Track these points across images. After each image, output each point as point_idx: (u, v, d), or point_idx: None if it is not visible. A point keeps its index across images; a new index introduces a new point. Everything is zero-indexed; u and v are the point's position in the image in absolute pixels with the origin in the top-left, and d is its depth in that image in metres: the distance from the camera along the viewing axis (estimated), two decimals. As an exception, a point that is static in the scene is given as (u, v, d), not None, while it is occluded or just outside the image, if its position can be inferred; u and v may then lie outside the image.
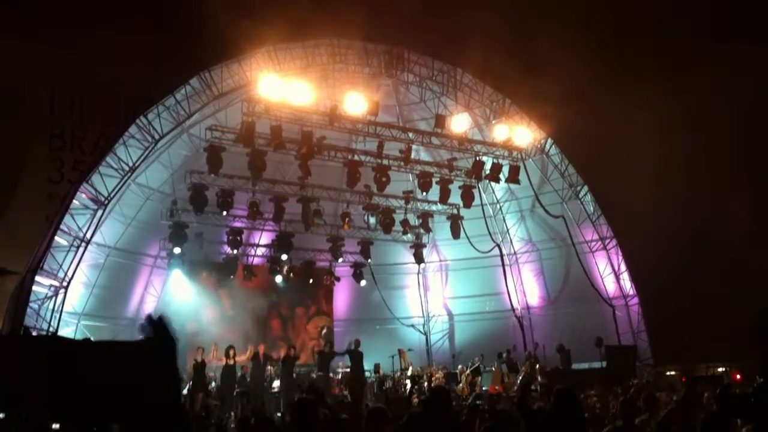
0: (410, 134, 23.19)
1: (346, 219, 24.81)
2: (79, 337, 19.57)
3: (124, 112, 26.58)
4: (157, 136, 19.78)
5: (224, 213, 22.16)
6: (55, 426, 8.64)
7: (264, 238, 26.07)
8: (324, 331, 25.29)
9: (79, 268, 19.65)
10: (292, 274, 25.51)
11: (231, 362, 19.63)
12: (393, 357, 23.14)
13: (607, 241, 24.90)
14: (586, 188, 24.67)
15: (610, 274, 24.99)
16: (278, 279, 25.33)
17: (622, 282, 24.84)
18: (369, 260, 26.25)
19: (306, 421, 5.97)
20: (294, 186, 23.41)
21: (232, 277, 24.26)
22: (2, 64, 24.26)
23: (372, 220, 25.06)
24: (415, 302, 28.81)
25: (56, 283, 19.20)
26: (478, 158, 23.56)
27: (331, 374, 21.74)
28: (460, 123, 22.86)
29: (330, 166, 23.52)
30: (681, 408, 7.54)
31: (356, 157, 22.51)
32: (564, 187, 25.05)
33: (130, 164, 19.70)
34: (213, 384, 19.95)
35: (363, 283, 26.82)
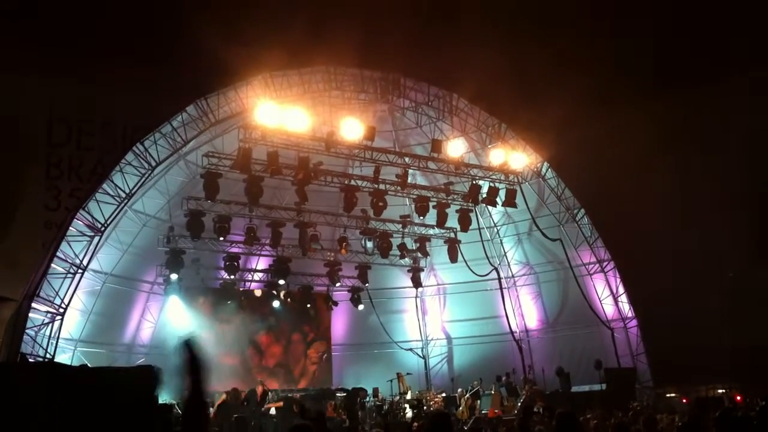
0: (407, 159, 23.24)
1: (344, 243, 24.83)
2: (76, 363, 19.50)
3: (121, 140, 26.61)
4: (153, 163, 19.82)
5: (221, 239, 22.17)
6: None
7: (261, 263, 26.05)
8: (324, 356, 25.20)
9: (75, 294, 19.61)
10: (289, 299, 25.46)
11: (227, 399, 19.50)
12: (391, 381, 23.04)
13: (604, 264, 24.88)
14: (582, 211, 24.69)
15: (609, 296, 24.95)
16: (275, 304, 25.26)
17: (620, 304, 24.80)
18: (367, 284, 26.24)
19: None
20: (291, 211, 23.45)
21: (229, 302, 24.20)
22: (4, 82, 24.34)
23: (369, 244, 25.05)
24: (414, 326, 28.74)
25: (53, 310, 19.14)
26: (474, 182, 23.60)
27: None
28: (456, 147, 22.93)
29: (327, 191, 23.58)
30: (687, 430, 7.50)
31: (353, 182, 22.56)
32: (561, 210, 25.08)
33: (127, 191, 19.73)
34: (210, 410, 19.80)
35: (361, 307, 26.79)
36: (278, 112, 19.57)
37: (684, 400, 19.77)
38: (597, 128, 24.28)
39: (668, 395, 21.59)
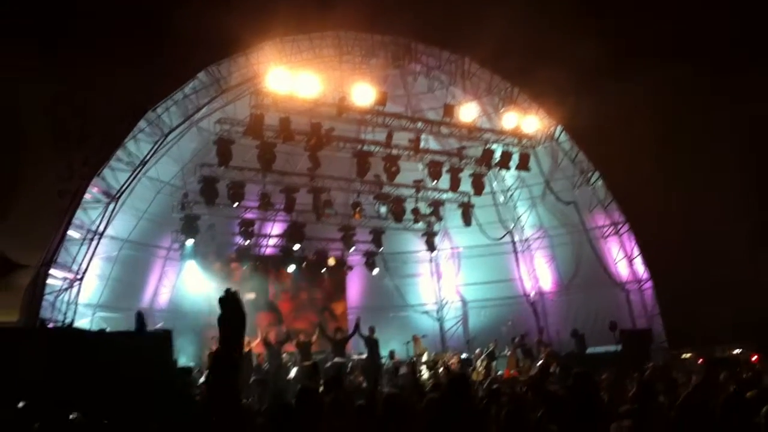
0: (419, 124, 23.17)
1: (357, 209, 24.89)
2: (95, 328, 19.75)
3: (133, 108, 26.71)
4: (166, 130, 19.88)
5: (235, 205, 22.27)
6: (72, 415, 8.77)
7: (276, 228, 26.15)
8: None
9: (92, 260, 19.79)
10: (304, 264, 25.59)
11: (246, 349, 19.72)
12: (407, 344, 23.22)
13: (619, 226, 24.84)
14: (597, 174, 24.59)
15: (623, 258, 24.95)
16: (291, 269, 25.42)
17: (635, 266, 24.80)
18: (381, 249, 26.32)
19: (309, 408, 6.03)
20: (304, 177, 23.48)
21: (244, 267, 24.39)
22: (6, 67, 24.38)
23: (383, 209, 25.11)
24: (428, 289, 28.88)
25: (70, 276, 19.35)
26: (487, 146, 23.53)
27: (345, 361, 21.77)
28: (468, 112, 22.81)
29: (339, 157, 23.57)
30: (699, 390, 7.54)
31: (365, 148, 22.54)
32: (575, 174, 25.00)
33: (141, 158, 19.80)
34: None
35: (375, 271, 26.90)
36: (289, 78, 19.53)
37: (699, 361, 19.78)
38: (612, 91, 24.09)
39: (683, 356, 21.62)
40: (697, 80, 23.03)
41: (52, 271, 19.03)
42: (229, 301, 3.24)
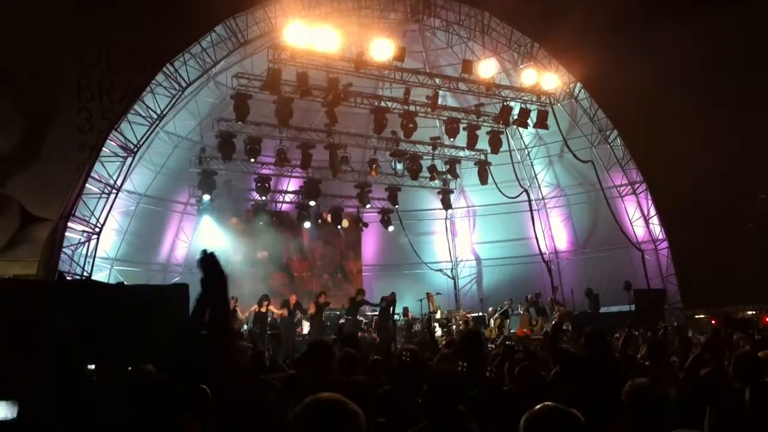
0: (437, 80, 23.00)
1: (374, 165, 24.87)
2: (112, 281, 19.97)
3: (151, 61, 26.72)
4: (183, 84, 19.81)
5: (252, 160, 22.32)
6: (91, 367, 8.92)
7: (292, 184, 26.19)
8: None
9: (110, 214, 19.93)
10: (320, 221, 25.67)
11: (263, 310, 19.95)
12: (421, 301, 23.34)
13: (636, 186, 24.71)
14: (615, 133, 24.40)
15: (639, 218, 24.87)
16: (306, 225, 25.52)
17: (651, 226, 24.73)
18: (396, 206, 26.34)
19: (322, 360, 6.10)
20: (321, 133, 23.44)
21: (261, 223, 24.50)
22: (30, 20, 24.40)
23: (399, 166, 25.07)
24: (443, 247, 28.94)
25: (89, 230, 19.50)
26: (505, 103, 23.36)
27: (360, 318, 21.96)
28: (487, 68, 22.61)
29: (356, 113, 23.49)
30: (710, 349, 7.54)
31: (383, 104, 22.44)
32: (593, 132, 24.82)
33: (158, 112, 19.80)
34: (244, 327, 20.27)
35: (391, 228, 26.95)
36: (307, 32, 19.37)
37: (713, 321, 19.81)
38: (633, 48, 23.79)
39: (697, 316, 21.66)
40: (726, 39, 22.69)
41: (70, 225, 19.17)
42: (209, 263, 3.25)
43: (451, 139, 24.17)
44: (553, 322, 18.77)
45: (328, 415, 2.68)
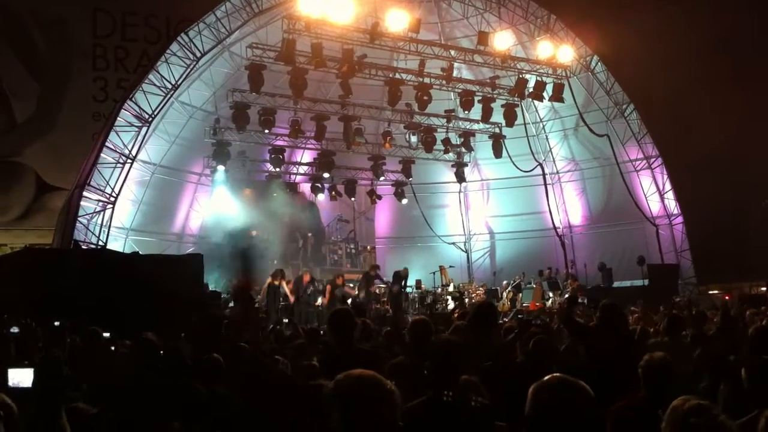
0: (452, 52, 22.84)
1: (388, 138, 24.81)
2: (127, 251, 20.11)
3: (165, 31, 26.70)
4: (198, 54, 19.78)
5: (266, 131, 22.33)
6: (106, 334, 9.04)
7: (306, 156, 26.19)
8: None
9: (125, 184, 20.02)
10: (333, 192, 25.68)
11: (276, 283, 20.04)
12: (434, 274, 23.40)
13: (652, 161, 24.56)
14: (632, 107, 24.19)
15: (654, 193, 24.74)
16: (320, 197, 25.55)
17: (666, 201, 24.60)
18: (410, 179, 26.30)
19: (344, 328, 6.14)
20: (335, 105, 23.38)
21: (274, 194, 24.53)
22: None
23: (413, 138, 25.00)
24: (456, 221, 28.90)
25: (104, 199, 19.61)
26: (521, 76, 23.19)
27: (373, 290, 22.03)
28: (503, 40, 22.39)
29: (371, 85, 23.39)
30: (724, 325, 7.55)
31: (397, 76, 22.33)
32: (609, 106, 24.62)
33: (173, 82, 19.79)
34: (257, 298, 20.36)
35: (404, 201, 26.93)
36: (322, 2, 19.21)
37: (726, 297, 19.79)
38: (650, 21, 23.52)
39: (710, 292, 21.62)
40: (745, 15, 22.40)
41: (85, 194, 19.27)
42: (242, 238, 3.30)
43: (466, 112, 24.05)
44: (567, 296, 18.84)
45: (362, 391, 2.65)
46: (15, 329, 7.33)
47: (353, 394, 2.63)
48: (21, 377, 2.39)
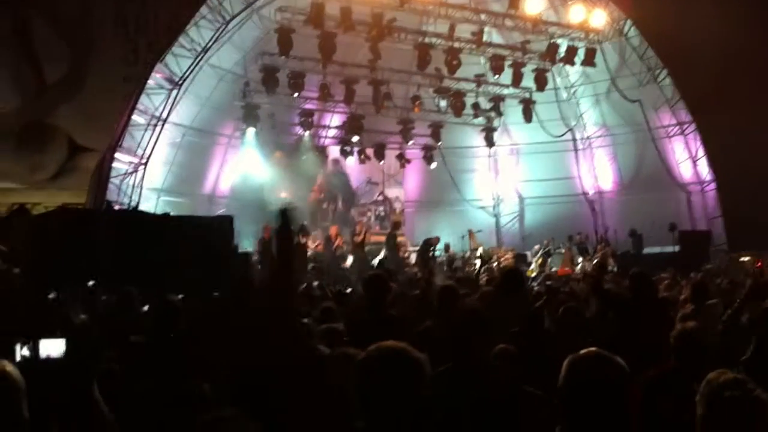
0: (483, 16, 22.59)
1: (417, 102, 24.69)
2: (159, 212, 20.32)
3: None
4: (227, 17, 19.81)
5: (295, 95, 22.33)
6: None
7: (335, 120, 26.19)
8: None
9: (156, 146, 20.19)
10: (362, 156, 25.70)
11: (303, 240, 20.22)
12: (463, 238, 23.43)
13: (684, 126, 24.23)
14: (665, 72, 23.82)
15: (687, 159, 24.45)
16: (349, 160, 25.59)
17: (698, 167, 24.31)
18: (439, 143, 26.21)
19: (378, 294, 6.20)
20: (364, 68, 23.27)
21: (304, 157, 24.64)
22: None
23: (442, 103, 24.87)
24: (485, 185, 28.81)
25: (135, 160, 19.81)
26: (552, 41, 22.90)
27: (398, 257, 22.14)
28: (534, 4, 22.02)
29: (400, 49, 23.20)
30: (752, 294, 7.47)
31: (427, 40, 22.15)
32: (642, 71, 24.24)
33: (203, 45, 19.84)
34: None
35: (433, 165, 26.87)
36: (352, -36, 19.11)
37: (758, 264, 19.58)
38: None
39: (742, 259, 21.40)
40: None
41: (117, 155, 19.53)
42: (286, 215, 3.32)
43: (496, 77, 23.84)
44: (596, 262, 18.78)
45: (393, 363, 2.67)
46: (53, 294, 7.44)
47: (384, 367, 2.65)
48: (53, 348, 2.42)
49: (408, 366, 2.67)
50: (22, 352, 2.70)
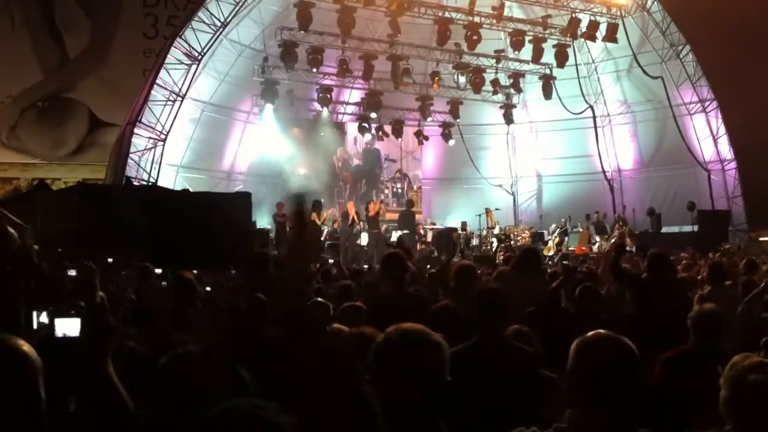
0: (504, -11, 22.38)
1: (436, 78, 24.52)
2: (178, 188, 20.44)
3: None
4: (247, -9, 19.75)
5: (314, 70, 22.27)
6: (158, 270, 9.27)
7: (353, 96, 26.11)
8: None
9: (176, 122, 20.24)
10: (380, 132, 25.64)
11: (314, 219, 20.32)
12: (480, 216, 23.38)
13: (706, 104, 23.96)
14: (688, 48, 23.52)
15: (708, 137, 24.20)
16: (367, 137, 25.56)
17: (719, 146, 24.07)
18: (458, 120, 26.08)
19: (397, 272, 6.22)
20: (383, 44, 23.13)
21: (322, 134, 24.63)
22: None
23: (462, 79, 24.70)
24: (503, 163, 28.64)
25: (155, 136, 19.89)
26: (574, 15, 22.67)
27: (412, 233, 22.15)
28: (557, -23, 21.89)
29: (420, 24, 23.05)
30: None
31: (447, 14, 21.99)
32: (664, 47, 23.96)
33: (222, 20, 19.81)
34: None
35: (452, 142, 26.74)
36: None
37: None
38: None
39: (761, 239, 21.25)
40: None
41: (137, 131, 19.60)
42: (301, 201, 3.33)
43: (516, 52, 23.65)
44: (614, 241, 18.70)
45: (412, 347, 2.66)
46: (72, 272, 7.48)
47: (403, 351, 2.65)
48: (69, 327, 2.45)
49: (427, 350, 2.67)
50: (39, 321, 2.74)
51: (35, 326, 2.94)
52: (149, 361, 2.96)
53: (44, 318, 2.79)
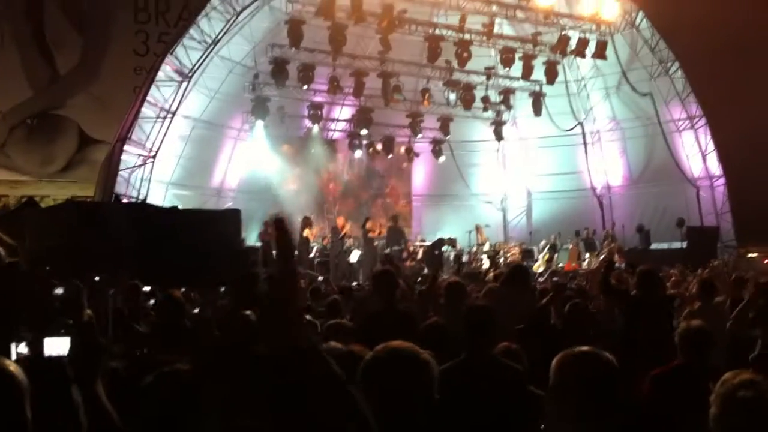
0: (494, 7, 22.49)
1: (426, 95, 24.60)
2: (167, 205, 20.36)
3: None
4: (238, 8, 19.81)
5: (305, 87, 22.29)
6: (146, 288, 9.22)
7: (344, 112, 26.15)
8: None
9: (165, 138, 20.21)
10: (371, 149, 25.68)
11: (305, 235, 20.28)
12: (470, 232, 23.39)
13: (695, 120, 24.11)
14: (677, 64, 23.70)
15: (697, 153, 24.34)
16: (357, 153, 25.58)
17: (708, 162, 24.20)
18: (448, 136, 26.13)
19: (387, 289, 6.22)
20: (374, 61, 23.21)
21: (312, 151, 24.64)
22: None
23: (452, 96, 24.78)
24: (493, 179, 28.70)
25: (144, 153, 19.85)
26: (564, 33, 22.82)
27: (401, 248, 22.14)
28: (546, -5, 22.02)
29: (410, 41, 23.15)
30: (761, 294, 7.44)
31: (437, 32, 22.08)
32: (653, 64, 24.13)
33: (213, 36, 19.85)
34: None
35: (442, 159, 26.79)
36: (363, -44, 19.06)
37: (765, 261, 19.53)
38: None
39: (750, 255, 21.33)
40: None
41: (126, 148, 19.57)
42: (284, 222, 3.33)
43: (506, 69, 23.76)
44: (602, 258, 18.74)
45: (400, 365, 2.65)
46: (60, 290, 7.42)
47: (392, 370, 2.64)
48: (57, 346, 2.43)
49: (416, 369, 2.66)
50: (18, 349, 2.70)
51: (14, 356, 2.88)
52: (135, 379, 2.94)
53: (23, 349, 2.74)
